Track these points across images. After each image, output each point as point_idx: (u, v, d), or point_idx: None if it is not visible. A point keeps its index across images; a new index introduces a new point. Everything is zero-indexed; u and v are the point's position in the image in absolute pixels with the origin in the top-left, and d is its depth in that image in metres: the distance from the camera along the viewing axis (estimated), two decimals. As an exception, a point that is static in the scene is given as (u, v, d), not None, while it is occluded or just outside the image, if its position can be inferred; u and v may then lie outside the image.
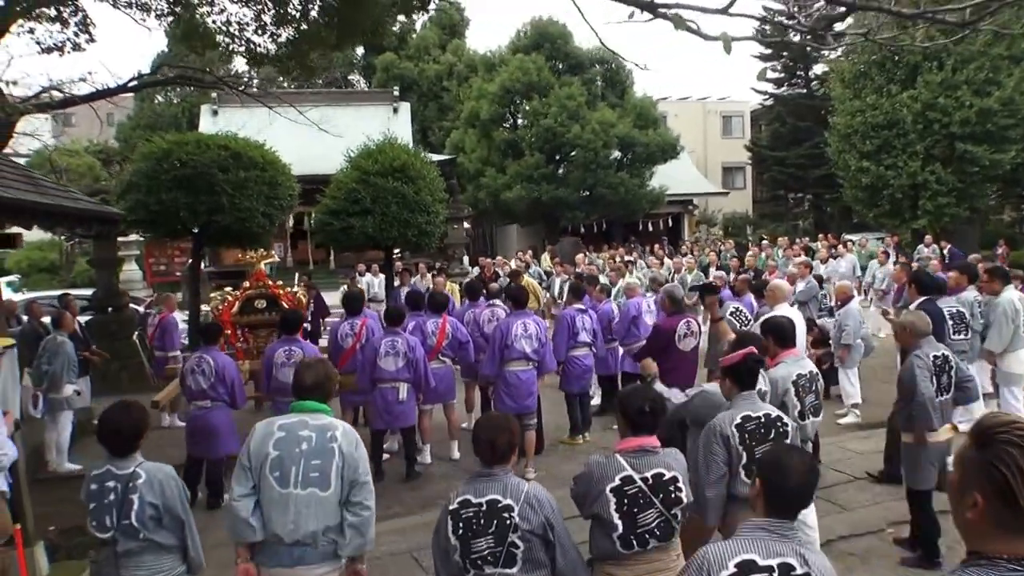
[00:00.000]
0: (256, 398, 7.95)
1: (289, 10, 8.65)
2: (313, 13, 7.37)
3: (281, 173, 10.79)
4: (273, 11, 8.87)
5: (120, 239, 16.09)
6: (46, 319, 8.96)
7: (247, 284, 8.28)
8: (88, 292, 12.62)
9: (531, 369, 6.66)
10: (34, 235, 22.72)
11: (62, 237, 17.99)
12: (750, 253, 16.14)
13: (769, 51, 35.97)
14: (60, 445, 7.63)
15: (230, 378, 6.26)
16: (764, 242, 20.72)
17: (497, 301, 8.02)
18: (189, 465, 6.34)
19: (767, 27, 34.87)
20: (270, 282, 8.27)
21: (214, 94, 25.06)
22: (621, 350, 8.29)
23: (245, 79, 12.58)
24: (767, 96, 36.35)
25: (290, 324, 6.58)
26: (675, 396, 5.17)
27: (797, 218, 36.80)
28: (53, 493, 6.92)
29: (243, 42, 9.53)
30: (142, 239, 14.82)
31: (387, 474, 6.87)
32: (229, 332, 8.25)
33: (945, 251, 16.99)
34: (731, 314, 6.65)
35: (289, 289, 8.93)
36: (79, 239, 14.66)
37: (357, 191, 10.68)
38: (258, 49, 9.55)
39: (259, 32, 9.34)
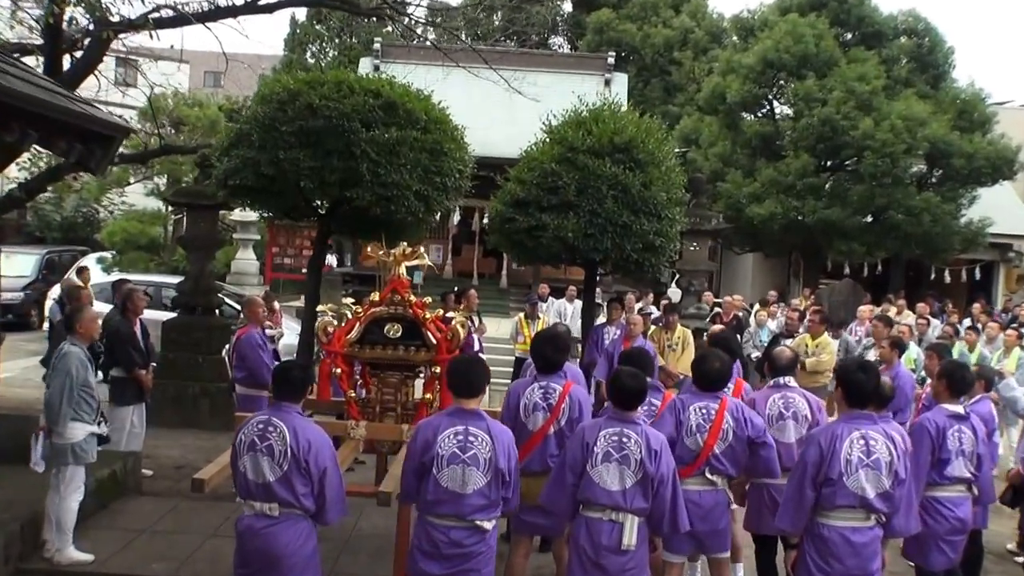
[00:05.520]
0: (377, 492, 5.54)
1: None
2: None
3: (450, 139, 9.03)
4: None
5: (235, 218, 15.40)
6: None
7: (375, 298, 6.33)
8: (178, 280, 11.63)
9: (872, 527, 4.47)
10: (135, 204, 23.08)
11: (169, 208, 17.77)
12: None
13: None
14: (61, 519, 5.89)
15: (319, 466, 4.22)
16: None
17: (791, 380, 5.82)
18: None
19: None
20: (413, 298, 6.26)
21: (376, 44, 24.67)
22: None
23: (417, 22, 11.12)
24: None
25: (468, 382, 4.46)
26: None
27: None
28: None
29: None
30: (263, 219, 13.70)
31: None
32: (340, 371, 6.37)
33: None
34: None
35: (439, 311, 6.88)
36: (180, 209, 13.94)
37: (557, 175, 9.07)
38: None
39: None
